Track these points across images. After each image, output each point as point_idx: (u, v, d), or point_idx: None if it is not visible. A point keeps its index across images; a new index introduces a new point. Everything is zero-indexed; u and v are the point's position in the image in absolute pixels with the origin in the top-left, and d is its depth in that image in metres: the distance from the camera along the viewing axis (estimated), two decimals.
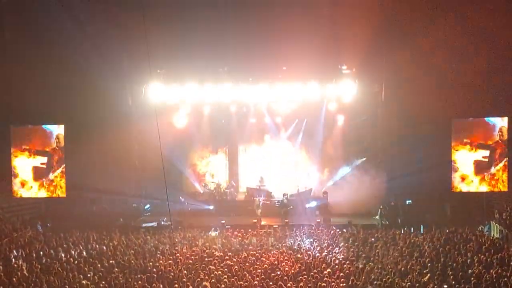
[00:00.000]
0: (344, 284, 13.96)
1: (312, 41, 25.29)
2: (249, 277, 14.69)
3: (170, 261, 16.66)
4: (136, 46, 23.63)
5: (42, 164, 26.71)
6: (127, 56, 26.29)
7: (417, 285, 13.68)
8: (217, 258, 17.06)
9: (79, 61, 25.43)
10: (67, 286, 13.88)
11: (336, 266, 15.81)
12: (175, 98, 27.67)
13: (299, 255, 17.51)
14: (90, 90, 25.90)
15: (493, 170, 25.13)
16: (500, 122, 25.19)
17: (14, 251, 18.07)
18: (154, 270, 15.64)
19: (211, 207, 27.88)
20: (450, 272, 14.61)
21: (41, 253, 17.98)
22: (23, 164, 26.63)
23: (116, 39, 25.35)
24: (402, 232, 22.14)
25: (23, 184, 26.74)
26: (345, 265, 15.92)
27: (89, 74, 25.46)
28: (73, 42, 25.55)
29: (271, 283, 14.06)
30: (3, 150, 26.55)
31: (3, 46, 26.39)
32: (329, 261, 16.65)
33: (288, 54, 25.98)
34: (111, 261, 16.72)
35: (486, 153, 25.29)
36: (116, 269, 15.71)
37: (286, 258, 17.16)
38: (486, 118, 25.24)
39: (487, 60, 24.87)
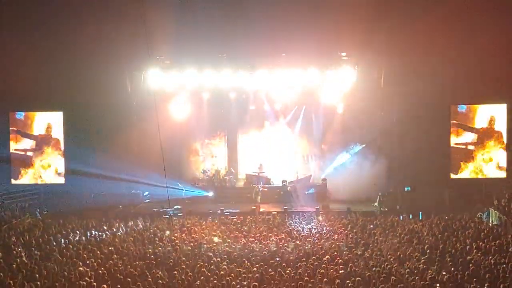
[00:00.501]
0: (342, 271, 13.97)
1: (311, 27, 25.14)
2: (248, 263, 14.72)
3: (169, 248, 16.71)
4: (135, 33, 23.45)
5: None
6: (126, 42, 26.06)
7: (415, 271, 13.69)
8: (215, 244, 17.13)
9: (79, 47, 25.33)
10: (66, 273, 13.87)
11: (335, 253, 15.82)
12: (174, 85, 27.54)
13: (298, 242, 17.54)
14: (89, 77, 25.79)
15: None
16: (494, 109, 25.41)
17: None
18: (153, 256, 15.67)
19: (210, 194, 27.90)
20: (449, 259, 14.63)
21: (40, 239, 17.98)
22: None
23: (115, 25, 25.16)
24: (401, 218, 22.20)
25: (18, 170, 26.94)
26: (344, 252, 15.96)
27: (88, 61, 25.36)
28: (72, 29, 25.40)
29: (270, 269, 14.08)
30: (1, 136, 26.61)
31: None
32: (328, 247, 16.67)
33: (288, 41, 25.82)
34: (110, 248, 16.72)
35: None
36: (115, 256, 15.71)
37: (285, 244, 17.19)
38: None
39: (487, 45, 24.69)
